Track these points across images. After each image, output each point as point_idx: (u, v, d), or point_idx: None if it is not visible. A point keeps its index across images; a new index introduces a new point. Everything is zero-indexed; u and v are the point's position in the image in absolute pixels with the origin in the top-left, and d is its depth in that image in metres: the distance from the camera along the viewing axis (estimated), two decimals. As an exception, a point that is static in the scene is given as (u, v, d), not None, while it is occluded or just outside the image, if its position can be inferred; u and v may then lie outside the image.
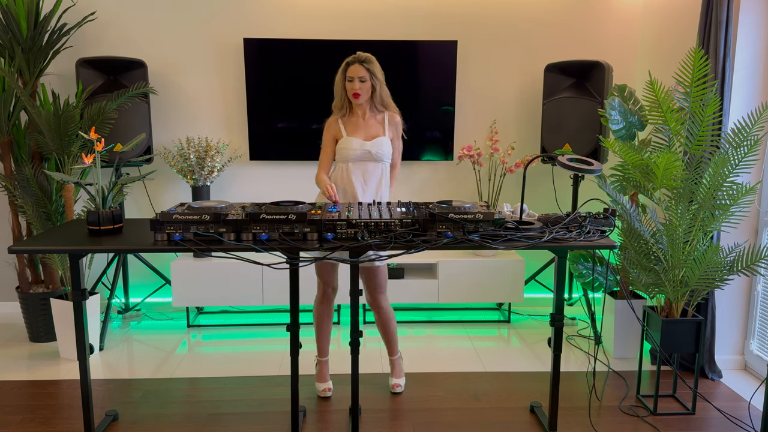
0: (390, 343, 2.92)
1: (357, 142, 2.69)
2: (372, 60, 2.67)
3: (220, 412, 2.71)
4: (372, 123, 2.74)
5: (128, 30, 3.78)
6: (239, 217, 2.12)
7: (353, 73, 2.64)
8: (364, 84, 2.65)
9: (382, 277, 2.77)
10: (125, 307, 3.95)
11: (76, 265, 2.31)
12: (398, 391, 2.89)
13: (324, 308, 2.84)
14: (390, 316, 2.85)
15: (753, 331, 3.13)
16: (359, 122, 2.74)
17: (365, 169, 2.71)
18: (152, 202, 3.94)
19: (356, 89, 2.65)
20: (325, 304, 2.83)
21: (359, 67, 2.63)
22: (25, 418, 2.64)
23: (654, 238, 2.80)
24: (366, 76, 2.64)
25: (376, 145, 2.70)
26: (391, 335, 2.89)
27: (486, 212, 2.16)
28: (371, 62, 2.66)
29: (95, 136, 2.37)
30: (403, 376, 2.95)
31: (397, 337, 2.93)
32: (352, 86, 2.65)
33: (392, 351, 2.94)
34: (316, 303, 2.85)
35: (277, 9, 3.81)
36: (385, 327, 2.86)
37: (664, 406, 2.79)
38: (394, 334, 2.90)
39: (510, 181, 4.01)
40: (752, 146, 2.64)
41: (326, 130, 2.78)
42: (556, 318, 2.43)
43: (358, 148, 2.68)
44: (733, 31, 2.87)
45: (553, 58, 3.87)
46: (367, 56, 2.67)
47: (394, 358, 2.94)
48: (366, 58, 2.66)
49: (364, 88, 2.65)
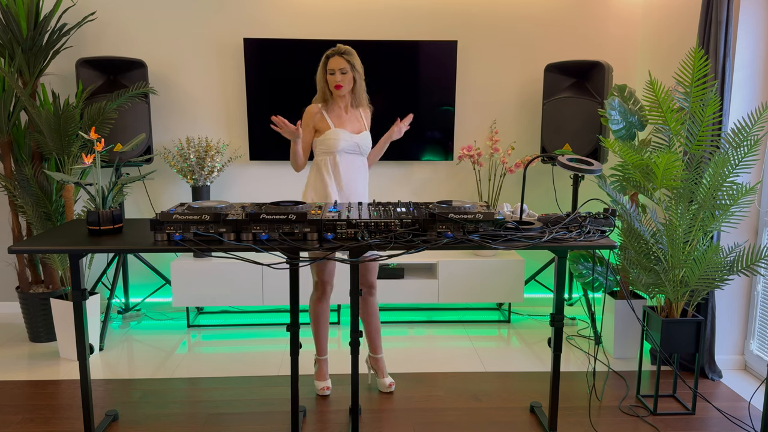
0: (376, 339, 2.91)
1: (346, 134, 2.70)
2: (352, 52, 2.68)
3: (220, 412, 2.71)
4: (354, 117, 2.77)
5: (128, 30, 3.78)
6: (239, 217, 2.12)
7: (334, 65, 2.65)
8: (345, 76, 2.66)
9: (374, 272, 2.82)
10: (125, 307, 3.95)
11: (76, 265, 2.31)
12: (392, 389, 2.89)
13: (321, 307, 2.84)
14: (376, 310, 2.88)
15: (753, 331, 3.13)
16: (342, 115, 2.74)
17: (352, 161, 2.72)
18: (152, 202, 3.94)
19: (338, 81, 2.65)
20: (321, 302, 2.83)
21: (340, 59, 2.64)
22: (25, 418, 2.64)
23: (654, 238, 2.80)
24: (347, 67, 2.65)
25: (364, 139, 2.75)
26: (376, 330, 2.90)
27: (486, 212, 2.16)
28: (351, 54, 2.67)
29: (95, 136, 2.37)
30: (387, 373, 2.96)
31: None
32: (333, 79, 2.66)
33: (377, 348, 2.92)
34: (313, 302, 2.84)
35: (277, 9, 3.81)
36: (371, 322, 2.87)
37: (664, 406, 2.79)
38: (379, 330, 2.91)
39: (510, 181, 4.01)
40: (752, 146, 2.64)
41: (308, 116, 2.73)
42: (556, 318, 2.43)
43: (348, 140, 2.69)
44: (733, 31, 2.87)
45: (553, 58, 3.87)
46: (347, 48, 2.68)
47: (379, 356, 2.92)
48: (346, 50, 2.66)
49: (345, 79, 2.66)
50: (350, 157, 2.72)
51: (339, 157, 2.70)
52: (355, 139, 2.71)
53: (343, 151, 2.70)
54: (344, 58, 2.64)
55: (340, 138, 2.68)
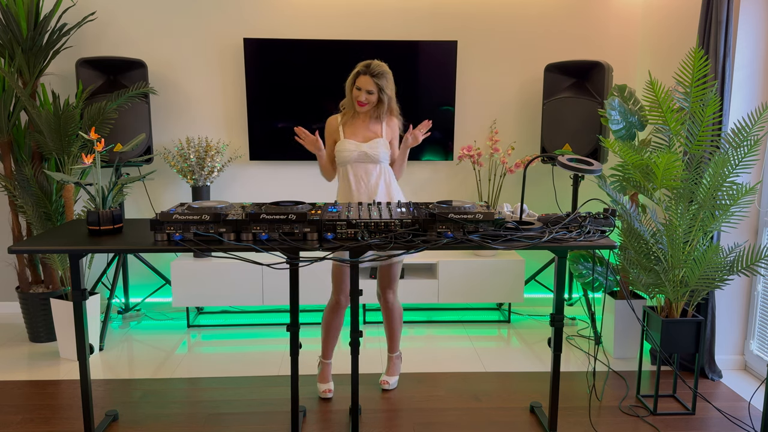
0: (391, 340, 2.95)
1: (353, 144, 2.69)
2: (384, 74, 2.62)
3: (220, 412, 2.71)
4: (371, 125, 2.74)
5: (128, 30, 3.78)
6: (239, 217, 2.12)
7: (362, 85, 2.63)
8: (371, 96, 2.64)
9: (394, 274, 2.82)
10: (125, 307, 3.95)
11: (76, 265, 2.30)
12: (386, 387, 2.91)
13: (333, 316, 2.82)
14: (397, 313, 2.90)
15: (753, 331, 3.13)
16: (358, 124, 2.74)
17: (365, 170, 2.71)
18: (152, 202, 3.94)
19: (362, 100, 2.65)
20: (335, 312, 2.82)
21: (369, 80, 2.61)
22: (25, 418, 2.64)
23: (654, 238, 2.80)
24: (374, 89, 2.62)
25: (373, 147, 2.69)
26: (394, 331, 2.92)
27: (486, 212, 2.16)
28: (382, 77, 2.61)
29: (95, 136, 2.37)
30: (396, 375, 2.97)
31: (400, 336, 2.96)
32: (359, 94, 2.65)
33: (392, 348, 2.96)
34: (327, 309, 2.84)
35: (277, 9, 3.81)
36: (390, 322, 2.91)
37: (664, 406, 2.79)
38: (398, 331, 2.94)
39: (510, 181, 4.01)
40: (752, 146, 2.64)
41: (328, 128, 2.79)
42: (556, 318, 2.43)
43: (354, 150, 2.68)
44: (733, 31, 2.87)
45: (553, 58, 3.87)
46: (381, 70, 2.61)
47: (392, 355, 2.97)
48: (379, 72, 2.60)
49: (370, 99, 2.65)
50: (362, 166, 2.70)
51: (350, 167, 2.71)
52: (362, 148, 2.68)
53: (353, 161, 2.69)
54: (374, 81, 2.60)
55: (344, 149, 2.69)
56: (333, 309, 2.81)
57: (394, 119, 2.78)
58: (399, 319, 2.92)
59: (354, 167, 2.70)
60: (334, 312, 2.81)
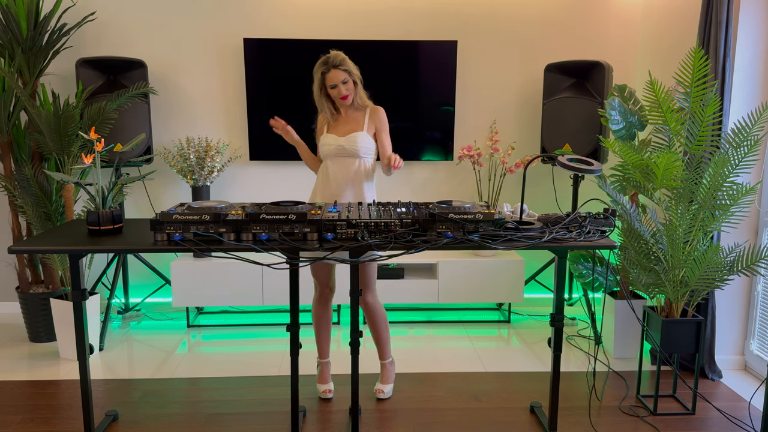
0: (380, 345, 2.83)
1: (332, 138, 2.69)
2: (344, 60, 2.64)
3: (220, 412, 2.71)
4: (353, 118, 2.73)
5: (128, 30, 3.78)
6: (239, 217, 2.12)
7: (334, 80, 2.62)
8: (346, 84, 2.64)
9: (369, 274, 2.71)
10: (125, 307, 3.95)
11: (76, 265, 2.30)
12: (381, 397, 2.81)
13: (321, 309, 2.82)
14: (378, 315, 2.76)
15: (753, 331, 3.13)
16: (340, 119, 2.75)
17: (342, 164, 2.68)
18: (152, 202, 3.94)
19: (343, 93, 2.64)
20: (322, 305, 2.82)
21: (337, 72, 2.61)
22: (25, 418, 2.64)
23: (654, 238, 2.80)
24: (346, 77, 2.63)
25: (350, 141, 2.66)
26: (379, 336, 2.80)
27: (486, 212, 2.16)
28: (345, 62, 2.63)
29: (95, 136, 2.37)
30: (390, 383, 2.87)
31: (389, 341, 2.84)
32: (338, 92, 2.64)
33: (383, 354, 2.85)
34: (313, 304, 2.84)
35: (277, 9, 3.81)
36: (373, 326, 2.78)
37: (664, 406, 2.79)
38: (384, 335, 2.80)
39: (510, 181, 4.01)
40: (752, 146, 2.64)
41: (318, 125, 2.83)
42: (556, 318, 2.43)
43: (332, 144, 2.68)
44: (733, 31, 2.87)
45: (553, 58, 3.87)
46: (339, 58, 2.63)
47: (385, 362, 2.86)
48: (339, 61, 2.62)
49: (349, 88, 2.65)
50: (339, 161, 2.69)
51: (329, 161, 2.71)
52: (339, 141, 2.67)
53: (332, 155, 2.69)
54: (340, 69, 2.61)
55: (325, 143, 2.70)
56: (318, 301, 2.81)
57: (378, 110, 2.74)
58: (383, 322, 2.78)
59: (333, 161, 2.70)
60: (320, 303, 2.81)
